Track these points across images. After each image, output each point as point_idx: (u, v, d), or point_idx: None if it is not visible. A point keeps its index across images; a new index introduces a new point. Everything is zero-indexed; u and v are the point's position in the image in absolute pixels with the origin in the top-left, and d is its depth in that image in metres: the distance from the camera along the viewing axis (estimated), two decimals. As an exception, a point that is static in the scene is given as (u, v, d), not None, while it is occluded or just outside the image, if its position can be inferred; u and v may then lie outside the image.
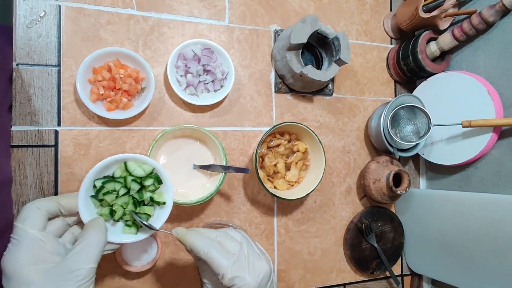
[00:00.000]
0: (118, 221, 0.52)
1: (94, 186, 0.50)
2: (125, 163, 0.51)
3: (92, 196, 0.50)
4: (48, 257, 0.42)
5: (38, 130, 0.59)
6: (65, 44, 0.62)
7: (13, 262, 0.40)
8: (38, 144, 0.59)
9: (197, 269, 0.64)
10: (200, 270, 0.52)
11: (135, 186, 0.51)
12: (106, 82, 0.60)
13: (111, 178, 0.51)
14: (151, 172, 0.52)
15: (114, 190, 0.50)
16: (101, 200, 0.50)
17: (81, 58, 0.60)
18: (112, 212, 0.51)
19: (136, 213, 0.51)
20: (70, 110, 0.61)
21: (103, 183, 0.50)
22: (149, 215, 0.52)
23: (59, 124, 0.61)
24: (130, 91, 0.62)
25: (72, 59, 0.62)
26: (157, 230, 0.51)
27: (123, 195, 0.51)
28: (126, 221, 0.52)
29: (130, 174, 0.51)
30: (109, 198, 0.50)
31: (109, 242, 0.48)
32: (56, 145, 0.60)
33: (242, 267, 0.46)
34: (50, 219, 0.46)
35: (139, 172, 0.51)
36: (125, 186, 0.51)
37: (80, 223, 0.49)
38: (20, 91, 0.59)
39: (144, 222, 0.50)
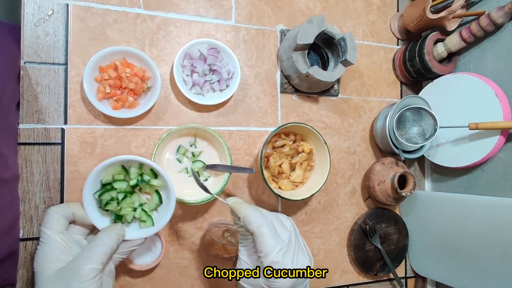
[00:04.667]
0: (131, 222, 0.54)
1: (96, 199, 0.52)
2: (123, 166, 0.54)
3: (100, 207, 0.52)
4: (64, 257, 0.46)
5: (44, 128, 0.60)
6: (72, 42, 0.62)
7: (36, 261, 0.46)
8: (45, 142, 0.60)
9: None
10: (240, 245, 0.51)
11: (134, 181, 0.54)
12: (113, 81, 0.60)
13: (104, 189, 0.52)
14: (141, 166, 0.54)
15: (113, 198, 0.52)
16: (107, 210, 0.52)
17: (88, 56, 0.60)
18: (120, 217, 0.53)
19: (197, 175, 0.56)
20: (77, 108, 0.62)
21: (99, 196, 0.51)
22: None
23: (65, 122, 0.61)
24: (136, 90, 0.62)
25: (79, 58, 0.62)
26: (214, 195, 0.55)
27: (124, 198, 0.52)
28: (140, 218, 0.54)
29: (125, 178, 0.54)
30: (112, 206, 0.52)
31: (130, 240, 0.52)
32: (62, 143, 0.61)
33: (287, 255, 0.45)
34: (72, 222, 0.51)
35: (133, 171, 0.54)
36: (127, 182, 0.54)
37: None
38: (28, 89, 0.59)
39: (204, 185, 0.55)
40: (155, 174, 0.54)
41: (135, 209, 0.54)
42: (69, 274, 0.43)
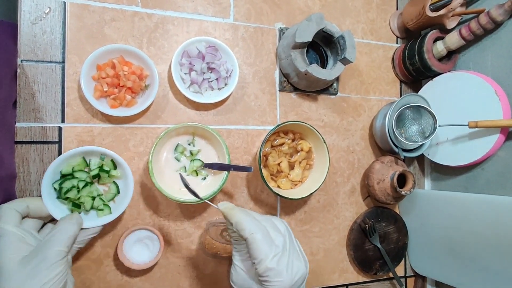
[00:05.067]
0: (89, 210, 0.56)
1: (55, 189, 0.54)
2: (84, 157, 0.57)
3: (57, 198, 0.54)
4: (24, 247, 0.46)
5: (42, 126, 0.59)
6: (69, 40, 0.61)
7: None
8: (42, 140, 0.59)
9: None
10: (234, 250, 0.50)
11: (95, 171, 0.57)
12: (110, 79, 0.60)
13: (65, 178, 0.55)
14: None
15: (73, 186, 0.55)
16: (66, 198, 0.54)
17: (85, 54, 0.60)
18: (78, 205, 0.55)
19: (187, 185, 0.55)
20: (74, 107, 0.61)
21: (60, 184, 0.53)
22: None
23: (62, 121, 0.61)
24: (134, 88, 0.61)
25: (77, 56, 0.62)
26: (202, 200, 0.54)
27: (84, 187, 0.56)
28: (98, 207, 0.57)
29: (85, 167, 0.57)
30: (72, 194, 0.54)
31: (88, 228, 0.54)
32: (59, 142, 0.60)
33: (282, 261, 0.44)
34: (25, 217, 0.51)
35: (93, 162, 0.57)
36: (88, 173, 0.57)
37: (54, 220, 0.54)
38: (25, 88, 0.59)
39: (192, 189, 0.54)
40: (115, 165, 0.58)
41: (93, 198, 0.56)
42: (36, 259, 0.44)
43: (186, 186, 0.54)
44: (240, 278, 0.49)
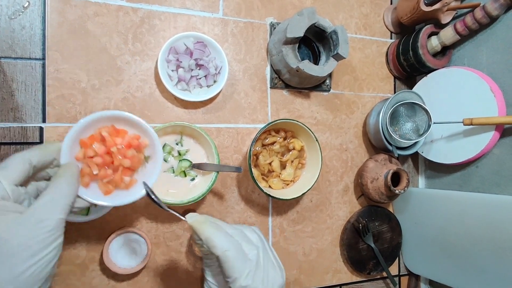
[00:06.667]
0: None
1: None
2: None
3: None
4: (12, 206, 0.35)
5: (21, 126, 0.57)
6: (50, 36, 0.59)
7: None
8: (22, 141, 0.57)
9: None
10: (205, 265, 0.48)
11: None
12: (100, 159, 0.43)
13: None
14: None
15: None
16: None
17: (67, 51, 0.57)
18: None
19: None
20: (56, 106, 0.59)
21: None
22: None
23: (44, 121, 0.58)
24: (133, 166, 0.45)
25: (58, 53, 0.59)
26: (167, 210, 0.46)
27: None
28: None
29: None
30: None
31: (80, 197, 0.41)
32: (41, 142, 0.58)
33: (257, 276, 0.42)
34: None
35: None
36: None
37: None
38: (2, 86, 0.56)
39: (157, 199, 0.45)
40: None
41: None
42: (33, 226, 0.33)
43: (149, 194, 0.45)
44: None
